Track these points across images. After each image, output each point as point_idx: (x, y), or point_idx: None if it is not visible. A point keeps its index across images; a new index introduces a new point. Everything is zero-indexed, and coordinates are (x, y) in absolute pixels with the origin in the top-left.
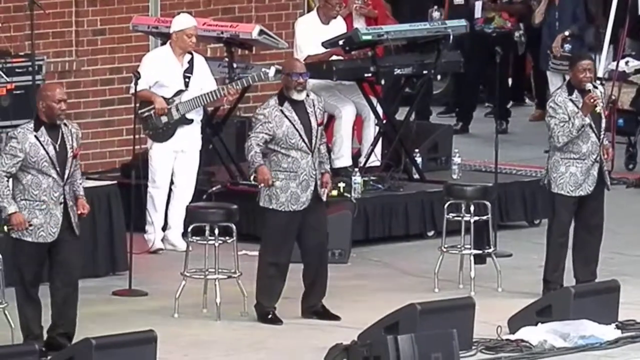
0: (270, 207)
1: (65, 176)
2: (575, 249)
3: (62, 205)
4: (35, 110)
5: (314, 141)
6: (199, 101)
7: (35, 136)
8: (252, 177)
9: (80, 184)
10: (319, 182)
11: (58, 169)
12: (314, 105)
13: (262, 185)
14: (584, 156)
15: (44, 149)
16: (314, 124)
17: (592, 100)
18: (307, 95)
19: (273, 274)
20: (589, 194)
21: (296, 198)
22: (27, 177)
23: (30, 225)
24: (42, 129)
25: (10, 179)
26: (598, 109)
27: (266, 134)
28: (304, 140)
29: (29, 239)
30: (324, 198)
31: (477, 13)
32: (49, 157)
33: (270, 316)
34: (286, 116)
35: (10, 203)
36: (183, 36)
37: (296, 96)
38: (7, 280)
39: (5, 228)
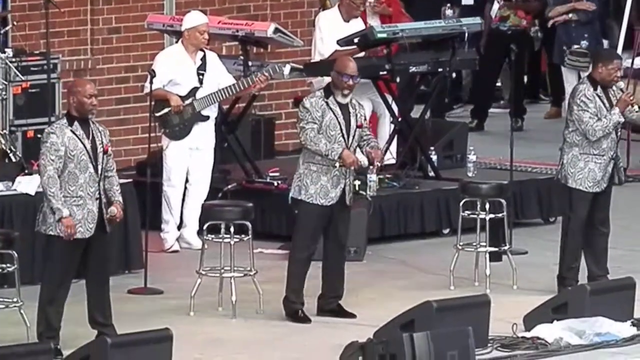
0: (300, 197)
1: (99, 171)
2: (585, 245)
3: (97, 201)
4: (67, 106)
5: (350, 140)
6: (216, 97)
7: (71, 130)
8: (338, 165)
9: (117, 190)
10: (368, 157)
11: (94, 162)
12: (355, 108)
13: (353, 167)
14: (604, 152)
15: (82, 142)
16: (353, 123)
17: (631, 98)
18: (350, 100)
19: (302, 268)
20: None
21: (325, 192)
22: (64, 173)
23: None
24: (76, 123)
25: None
26: (635, 107)
27: (314, 122)
28: (342, 136)
29: None
30: (378, 163)
31: (493, 13)
32: (87, 150)
33: (300, 314)
34: (330, 108)
35: (64, 206)
36: (195, 33)
37: (341, 99)
38: (23, 279)
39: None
